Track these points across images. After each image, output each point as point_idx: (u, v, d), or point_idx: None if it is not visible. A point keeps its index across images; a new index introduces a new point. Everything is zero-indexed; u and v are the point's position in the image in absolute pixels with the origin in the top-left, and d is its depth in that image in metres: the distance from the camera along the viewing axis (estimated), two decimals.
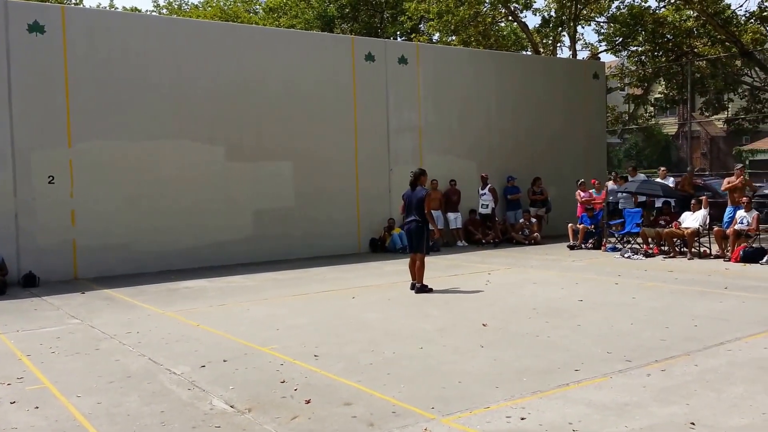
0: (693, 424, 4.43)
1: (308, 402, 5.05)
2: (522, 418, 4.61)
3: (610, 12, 25.49)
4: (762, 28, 23.06)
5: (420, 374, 5.71)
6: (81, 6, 31.13)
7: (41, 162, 11.72)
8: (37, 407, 5.11)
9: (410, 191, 9.94)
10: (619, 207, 15.39)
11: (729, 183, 13.53)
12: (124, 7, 39.35)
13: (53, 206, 11.80)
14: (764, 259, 11.84)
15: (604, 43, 26.88)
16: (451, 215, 16.17)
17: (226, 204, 13.49)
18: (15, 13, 11.54)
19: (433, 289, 9.76)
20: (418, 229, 9.75)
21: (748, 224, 12.54)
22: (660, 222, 13.88)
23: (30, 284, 11.11)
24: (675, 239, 13.25)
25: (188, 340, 7.13)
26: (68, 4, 32.16)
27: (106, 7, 36.66)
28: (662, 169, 16.43)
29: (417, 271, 9.74)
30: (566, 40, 27.08)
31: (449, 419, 4.65)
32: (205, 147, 13.26)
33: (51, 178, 11.77)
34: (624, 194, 15.29)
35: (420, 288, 9.66)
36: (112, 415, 4.91)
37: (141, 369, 6.09)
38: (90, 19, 12.52)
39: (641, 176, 16.09)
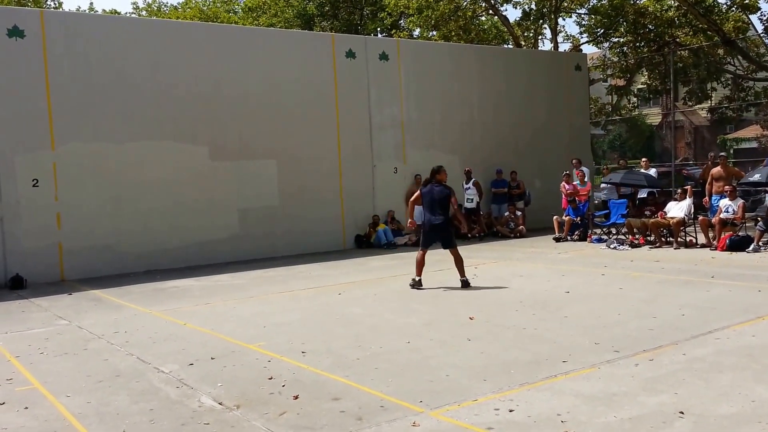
0: (682, 413, 4.40)
1: (296, 398, 5.03)
2: (510, 410, 4.57)
3: (591, 3, 25.54)
4: (743, 16, 23.15)
5: (407, 368, 5.66)
6: (60, 10, 30.82)
7: (25, 166, 11.73)
8: (26, 407, 5.11)
9: (430, 187, 9.63)
10: (603, 198, 15.44)
11: (711, 175, 13.64)
12: (103, 10, 39.02)
13: (38, 209, 11.81)
14: (750, 248, 11.87)
15: (585, 35, 26.93)
16: None
17: (211, 203, 13.43)
18: None
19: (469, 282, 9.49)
20: (446, 226, 9.53)
21: (734, 213, 12.58)
22: (645, 212, 13.91)
23: (17, 286, 11.16)
24: (661, 229, 13.28)
25: (175, 339, 7.12)
26: (47, 7, 31.84)
27: (85, 10, 36.29)
28: (644, 159, 16.48)
29: (459, 265, 9.45)
30: (547, 32, 27.10)
31: (438, 412, 4.61)
32: (188, 147, 13.21)
33: (35, 181, 11.78)
34: (607, 185, 15.34)
35: (465, 282, 9.40)
36: (102, 414, 4.91)
37: (129, 368, 6.09)
38: (69, 22, 12.46)
39: (585, 169, 16.20)
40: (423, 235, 9.69)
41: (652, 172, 15.68)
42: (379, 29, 30.38)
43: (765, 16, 22.98)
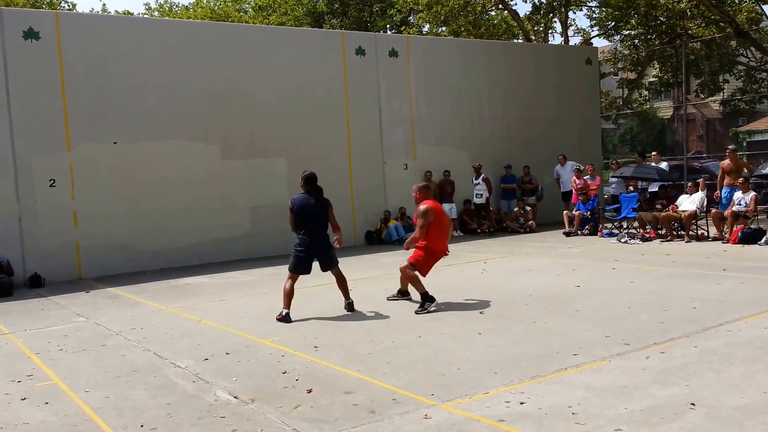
0: (693, 404, 4.41)
1: (310, 391, 5.10)
2: (521, 403, 4.60)
3: None
4: (757, 6, 22.91)
5: (418, 362, 5.71)
6: (74, 11, 31.16)
7: (42, 166, 11.90)
8: (47, 403, 5.23)
9: (309, 199, 7.92)
10: (612, 193, 15.39)
11: (722, 168, 13.55)
12: (116, 11, 39.39)
13: (56, 209, 11.99)
14: (763, 240, 11.79)
15: (596, 28, 26.77)
16: (445, 206, 15.98)
17: (223, 202, 13.57)
18: (10, 20, 11.71)
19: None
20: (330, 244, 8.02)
21: (746, 205, 12.50)
22: (657, 206, 13.85)
23: (36, 285, 11.35)
24: (672, 222, 13.23)
25: (191, 335, 7.24)
26: (61, 9, 32.16)
27: (98, 12, 36.64)
28: (655, 153, 16.40)
29: (343, 286, 8.04)
30: (558, 26, 26.99)
31: (449, 405, 4.66)
32: (201, 146, 13.35)
33: (52, 181, 11.96)
34: (616, 180, 15.28)
35: (350, 304, 7.98)
36: (120, 408, 5.02)
37: (146, 363, 6.21)
38: (83, 24, 12.62)
39: (570, 163, 16.10)
40: (302, 257, 7.75)
41: (664, 165, 15.60)
42: (388, 26, 30.43)
43: None
